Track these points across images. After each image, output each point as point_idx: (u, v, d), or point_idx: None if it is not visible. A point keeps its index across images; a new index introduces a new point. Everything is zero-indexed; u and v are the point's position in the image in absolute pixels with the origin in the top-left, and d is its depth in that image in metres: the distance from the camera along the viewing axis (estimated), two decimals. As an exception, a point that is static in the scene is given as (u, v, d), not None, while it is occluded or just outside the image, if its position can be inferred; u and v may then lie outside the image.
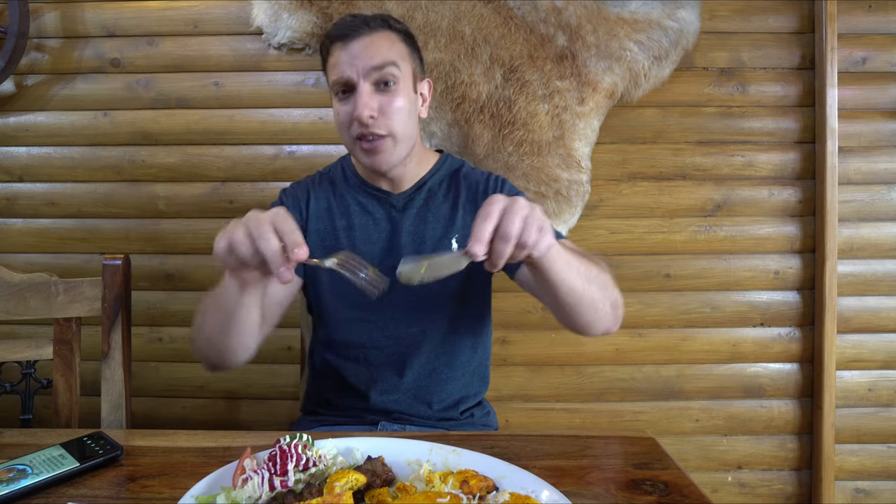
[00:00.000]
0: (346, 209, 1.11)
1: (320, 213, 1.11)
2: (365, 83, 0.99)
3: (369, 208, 1.10)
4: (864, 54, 1.71)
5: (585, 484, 0.70)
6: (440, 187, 1.13)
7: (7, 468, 0.69)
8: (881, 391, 1.74)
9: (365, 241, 1.08)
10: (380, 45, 1.00)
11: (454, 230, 1.09)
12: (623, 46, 1.60)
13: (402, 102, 1.01)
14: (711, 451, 1.76)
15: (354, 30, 1.00)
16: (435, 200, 1.11)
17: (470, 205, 1.10)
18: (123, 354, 1.05)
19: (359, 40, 1.00)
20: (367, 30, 1.00)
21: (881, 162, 1.72)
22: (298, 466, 0.63)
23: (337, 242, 1.08)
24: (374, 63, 0.99)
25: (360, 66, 0.99)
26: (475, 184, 1.12)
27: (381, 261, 1.06)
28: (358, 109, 0.98)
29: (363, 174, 1.12)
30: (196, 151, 1.72)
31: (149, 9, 1.70)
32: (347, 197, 1.11)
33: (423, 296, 1.05)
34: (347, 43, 1.00)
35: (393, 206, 1.10)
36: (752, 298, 1.74)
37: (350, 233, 1.09)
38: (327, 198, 1.12)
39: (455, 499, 0.60)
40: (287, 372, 1.73)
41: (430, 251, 1.06)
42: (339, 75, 1.00)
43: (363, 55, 0.99)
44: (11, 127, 1.72)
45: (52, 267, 1.66)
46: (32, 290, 1.05)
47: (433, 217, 1.09)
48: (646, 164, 1.72)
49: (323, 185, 1.14)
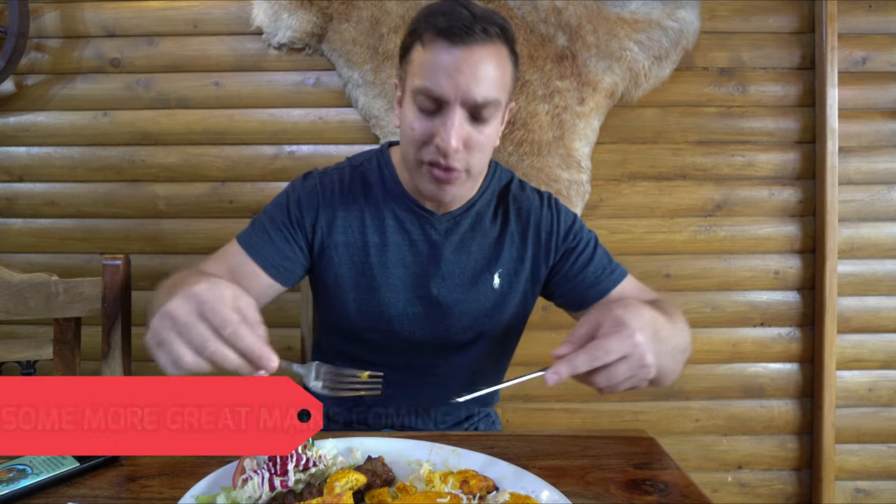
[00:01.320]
0: (380, 223, 0.97)
1: (350, 223, 0.97)
2: (460, 110, 0.83)
3: (407, 226, 0.97)
4: (864, 54, 1.71)
5: (585, 484, 0.70)
6: (488, 209, 1.00)
7: (7, 468, 0.69)
8: (881, 391, 1.74)
9: (397, 265, 0.97)
10: (488, 67, 0.82)
11: (498, 263, 0.99)
12: (623, 46, 1.60)
13: (490, 135, 0.87)
14: (711, 451, 1.76)
15: (468, 33, 0.81)
16: (482, 226, 0.99)
17: (519, 236, 1.00)
18: (123, 354, 1.05)
19: (470, 49, 0.81)
20: (482, 38, 0.82)
21: (881, 162, 1.72)
22: (298, 466, 0.63)
23: (367, 260, 0.97)
24: (478, 96, 0.82)
25: (462, 88, 0.81)
26: (527, 211, 1.01)
27: (413, 288, 0.97)
28: (445, 140, 0.82)
29: (407, 185, 0.97)
30: (196, 151, 1.72)
31: (149, 9, 1.70)
32: (383, 208, 0.98)
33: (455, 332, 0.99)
34: (455, 47, 0.81)
35: (434, 228, 0.97)
36: (752, 298, 1.74)
37: (382, 252, 0.97)
38: (360, 206, 0.98)
39: (455, 499, 0.60)
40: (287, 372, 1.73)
41: (467, 283, 0.98)
42: (433, 87, 0.82)
43: (470, 76, 0.81)
44: (11, 127, 1.72)
45: (52, 267, 1.65)
46: (32, 290, 1.05)
47: (477, 247, 0.98)
48: (646, 164, 1.72)
49: (354, 186, 0.99)
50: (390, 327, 0.98)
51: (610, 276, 1.00)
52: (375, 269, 0.97)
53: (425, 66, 0.83)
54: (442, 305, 0.98)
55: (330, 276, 0.98)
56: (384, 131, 1.65)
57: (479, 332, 1.00)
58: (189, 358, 0.59)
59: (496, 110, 0.86)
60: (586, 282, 0.99)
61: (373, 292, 0.97)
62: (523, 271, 1.00)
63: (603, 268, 1.00)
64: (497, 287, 0.99)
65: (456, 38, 0.81)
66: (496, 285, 0.99)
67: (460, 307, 0.98)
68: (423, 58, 0.84)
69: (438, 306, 0.98)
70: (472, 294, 0.98)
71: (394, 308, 0.97)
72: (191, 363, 0.59)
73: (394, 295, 0.97)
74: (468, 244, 0.98)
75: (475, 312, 0.99)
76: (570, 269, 1.00)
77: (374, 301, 0.97)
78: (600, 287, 0.99)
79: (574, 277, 1.00)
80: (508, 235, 0.99)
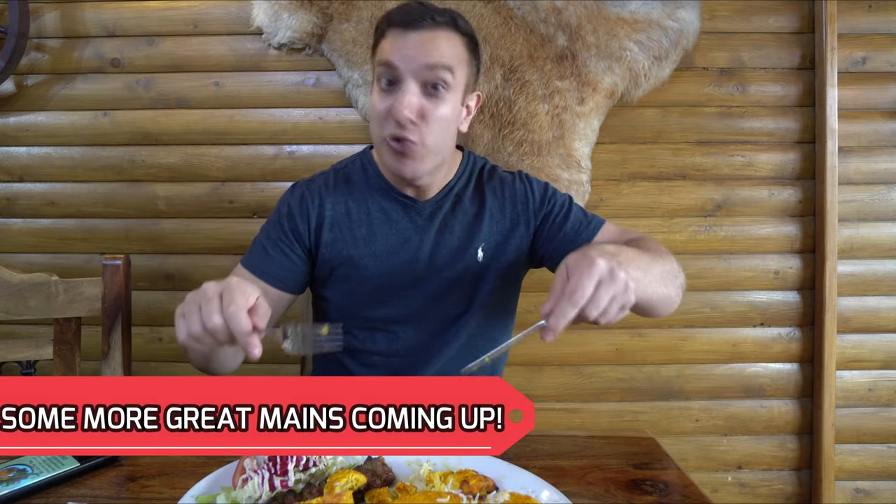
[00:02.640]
0: (366, 216, 1.03)
1: (337, 220, 1.03)
2: (412, 81, 0.91)
3: (393, 216, 1.03)
4: (864, 54, 1.70)
5: (585, 484, 0.70)
6: (466, 191, 1.07)
7: (7, 468, 0.69)
8: (881, 391, 1.74)
9: (386, 253, 1.02)
10: (439, 43, 0.91)
11: (479, 238, 1.04)
12: (623, 46, 1.60)
13: (445, 112, 0.93)
14: (711, 451, 1.76)
15: (417, 19, 0.91)
16: (461, 206, 1.05)
17: (498, 211, 1.06)
18: (123, 354, 1.05)
19: (419, 32, 0.91)
20: (431, 24, 0.92)
21: (881, 162, 1.72)
22: (298, 466, 0.63)
23: (356, 252, 1.02)
24: (428, 61, 0.90)
25: (412, 60, 0.90)
26: (500, 187, 1.08)
27: (401, 274, 1.02)
28: (397, 107, 0.89)
29: (388, 176, 1.04)
30: (196, 151, 1.72)
31: (149, 9, 1.70)
32: (368, 201, 1.04)
33: (447, 308, 1.04)
34: (406, 31, 0.91)
35: (419, 215, 1.03)
36: (752, 298, 1.74)
37: (371, 243, 1.02)
38: (345, 202, 1.04)
39: (455, 499, 0.60)
40: (287, 372, 1.73)
41: (454, 263, 1.02)
42: (388, 61, 0.91)
43: (419, 50, 0.90)
44: (11, 127, 1.72)
45: (52, 267, 1.65)
46: (32, 290, 1.05)
47: (459, 225, 1.04)
48: (646, 164, 1.72)
49: (339, 186, 1.05)
50: (385, 313, 1.03)
51: (587, 227, 1.05)
52: (366, 259, 1.02)
53: (383, 49, 0.93)
54: (431, 284, 1.03)
55: (324, 272, 1.04)
56: (384, 131, 1.65)
57: (469, 303, 1.04)
58: (196, 327, 0.67)
59: (451, 82, 0.92)
60: (566, 238, 1.04)
61: (365, 281, 1.02)
62: (506, 243, 1.05)
63: (580, 222, 1.05)
64: (481, 260, 1.04)
65: (408, 24, 0.91)
66: (480, 258, 1.04)
67: (448, 283, 1.03)
68: (383, 44, 0.94)
69: (428, 285, 1.03)
70: (459, 269, 1.03)
71: (388, 292, 1.02)
72: (197, 332, 0.67)
73: (386, 280, 1.02)
74: (451, 224, 1.04)
75: (463, 285, 1.04)
76: (549, 229, 1.05)
77: (368, 289, 1.02)
78: (580, 240, 1.03)
79: (555, 237, 1.04)
80: (487, 211, 1.05)
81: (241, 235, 1.71)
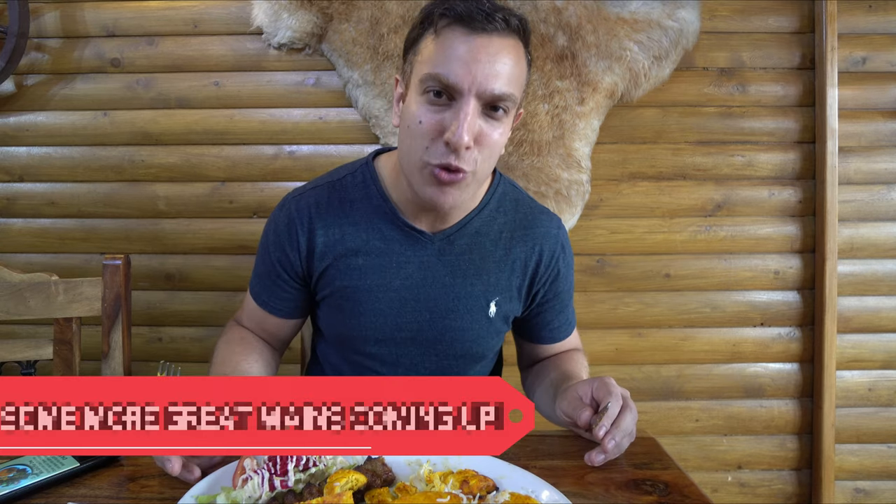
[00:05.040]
0: (364, 244, 0.89)
1: (330, 247, 0.90)
2: (475, 101, 0.75)
3: (395, 247, 0.89)
4: (864, 54, 1.70)
5: (585, 484, 0.70)
6: (490, 228, 0.91)
7: (7, 468, 0.69)
8: (881, 391, 1.74)
9: (383, 288, 0.89)
10: (507, 59, 0.76)
11: (496, 291, 0.91)
12: (623, 46, 1.60)
13: (501, 137, 0.80)
14: (711, 451, 1.75)
15: (487, 20, 0.75)
16: (480, 248, 0.90)
17: (521, 265, 0.92)
18: (123, 354, 1.05)
19: (489, 38, 0.75)
20: (503, 29, 0.76)
21: (881, 162, 1.72)
22: (298, 466, 0.63)
23: (349, 283, 0.90)
24: (495, 88, 0.75)
25: (479, 78, 0.74)
26: (533, 237, 0.93)
27: (399, 312, 0.91)
28: (458, 133, 0.74)
29: (398, 202, 0.89)
30: (196, 151, 1.72)
31: (149, 9, 1.70)
32: (368, 227, 0.89)
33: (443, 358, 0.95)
34: (473, 34, 0.75)
35: (425, 250, 0.90)
36: (752, 298, 1.74)
37: (366, 276, 0.89)
38: (340, 226, 0.90)
39: (455, 499, 0.60)
40: (287, 372, 1.73)
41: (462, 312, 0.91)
42: (446, 75, 0.75)
43: (488, 66, 0.74)
44: (11, 127, 1.72)
45: (52, 267, 1.65)
46: (32, 290, 1.05)
47: (475, 270, 0.90)
48: (646, 164, 1.72)
49: (332, 206, 0.91)
50: (377, 350, 0.94)
51: (567, 327, 1.03)
52: (360, 293, 0.90)
53: (438, 54, 0.76)
54: (432, 331, 0.92)
55: (317, 296, 0.96)
56: (384, 131, 1.65)
57: (471, 357, 0.96)
58: None
59: (511, 108, 0.79)
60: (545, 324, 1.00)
61: (357, 317, 0.91)
62: (517, 299, 0.95)
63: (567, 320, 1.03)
64: (493, 316, 0.92)
65: (476, 24, 0.75)
66: (492, 314, 0.92)
67: (451, 335, 0.92)
68: (436, 45, 0.77)
69: (428, 331, 0.92)
70: (466, 322, 0.91)
71: (380, 332, 0.92)
72: None
73: (379, 319, 0.91)
74: (463, 267, 0.90)
75: (468, 341, 0.93)
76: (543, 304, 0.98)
77: (360, 325, 0.92)
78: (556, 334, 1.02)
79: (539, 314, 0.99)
80: (510, 263, 0.91)
81: (241, 235, 1.71)
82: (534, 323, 1.00)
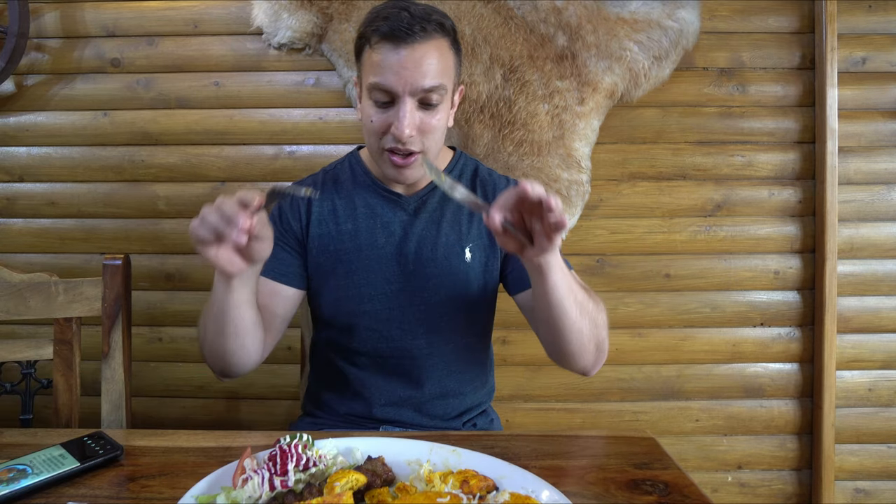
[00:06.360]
0: (352, 211, 1.06)
1: (324, 216, 1.06)
2: (410, 100, 0.92)
3: (378, 210, 1.05)
4: (864, 54, 1.70)
5: (585, 484, 0.70)
6: None
7: (7, 468, 0.69)
8: (881, 391, 1.74)
9: (370, 246, 1.04)
10: (432, 59, 0.91)
11: (468, 238, 1.05)
12: (623, 46, 1.60)
13: (441, 120, 0.97)
14: (711, 451, 1.76)
15: (408, 33, 0.90)
16: (450, 204, 1.06)
17: None
18: (123, 354, 1.05)
19: (412, 48, 0.90)
20: (423, 36, 0.90)
21: (881, 162, 1.72)
22: (298, 466, 0.63)
23: (342, 246, 1.04)
24: (424, 85, 0.91)
25: (409, 81, 0.91)
26: (494, 190, 1.08)
27: (386, 266, 1.03)
28: (400, 127, 0.92)
29: (376, 174, 1.07)
30: (196, 151, 1.72)
31: (149, 9, 1.70)
32: (355, 198, 1.07)
33: (431, 307, 1.04)
34: (398, 47, 0.90)
35: (404, 210, 1.05)
36: (752, 298, 1.74)
37: (355, 237, 1.04)
38: (332, 200, 1.07)
39: (455, 499, 0.60)
40: (287, 372, 1.73)
41: (440, 259, 1.03)
42: (383, 83, 0.91)
43: (414, 70, 0.90)
44: (11, 127, 1.72)
45: (52, 267, 1.66)
46: (32, 290, 1.05)
47: (447, 223, 1.05)
48: (646, 164, 1.72)
49: (326, 185, 1.09)
50: (370, 307, 1.04)
51: None
52: (350, 253, 1.04)
53: (375, 66, 0.92)
54: (417, 279, 1.04)
55: (311, 267, 1.06)
56: (384, 131, 1.65)
57: (455, 304, 1.05)
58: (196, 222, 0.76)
59: (443, 96, 0.95)
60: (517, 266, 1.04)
61: (350, 275, 1.04)
62: (493, 247, 1.06)
63: None
64: (469, 261, 1.05)
65: (398, 39, 0.90)
66: (468, 259, 1.05)
67: (434, 280, 1.03)
68: (373, 58, 0.93)
69: (413, 280, 1.04)
70: (445, 267, 1.04)
71: (372, 287, 1.03)
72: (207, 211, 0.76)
73: (370, 275, 1.03)
74: (437, 221, 1.05)
75: (449, 284, 1.04)
76: None
77: (353, 283, 1.04)
78: None
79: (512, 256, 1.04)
80: (479, 214, 1.04)
81: (241, 235, 1.71)
82: (511, 270, 1.06)
